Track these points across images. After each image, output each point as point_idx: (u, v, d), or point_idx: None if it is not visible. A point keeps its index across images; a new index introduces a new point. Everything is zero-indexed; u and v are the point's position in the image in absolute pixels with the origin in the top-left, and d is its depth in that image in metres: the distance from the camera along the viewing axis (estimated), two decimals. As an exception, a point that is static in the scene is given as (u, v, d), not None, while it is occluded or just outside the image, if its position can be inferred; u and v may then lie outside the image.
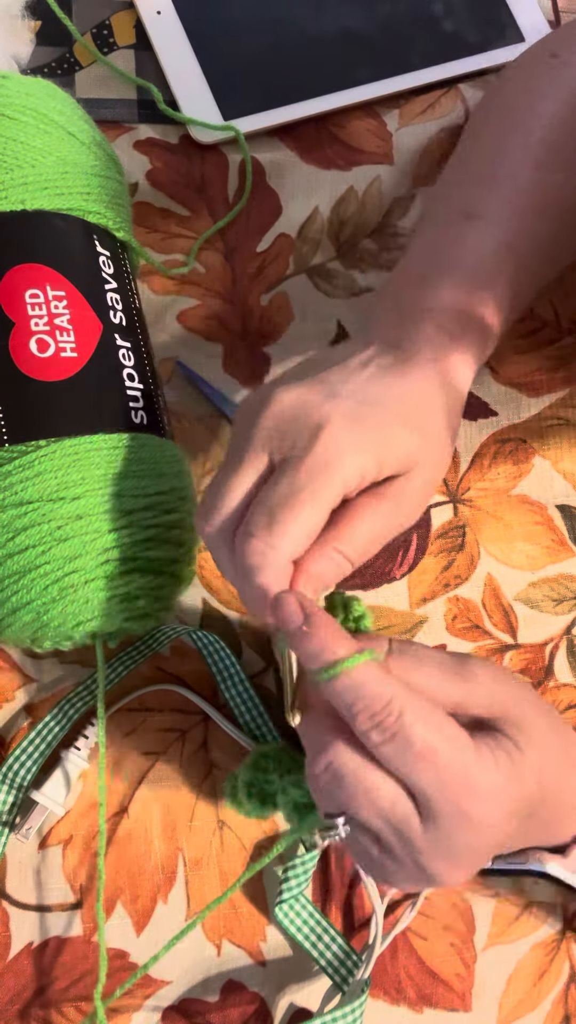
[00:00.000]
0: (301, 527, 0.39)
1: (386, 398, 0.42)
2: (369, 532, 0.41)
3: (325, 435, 0.40)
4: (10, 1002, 0.48)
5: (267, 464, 0.41)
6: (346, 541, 0.40)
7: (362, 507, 0.41)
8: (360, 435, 0.40)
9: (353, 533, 0.41)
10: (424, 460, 0.42)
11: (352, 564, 0.41)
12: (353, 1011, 0.46)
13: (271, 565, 0.39)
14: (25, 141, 0.48)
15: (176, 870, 0.50)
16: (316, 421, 0.40)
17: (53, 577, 0.43)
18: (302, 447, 0.40)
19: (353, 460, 0.40)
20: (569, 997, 0.51)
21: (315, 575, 0.40)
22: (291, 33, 0.64)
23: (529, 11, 0.67)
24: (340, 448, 0.40)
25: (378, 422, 0.41)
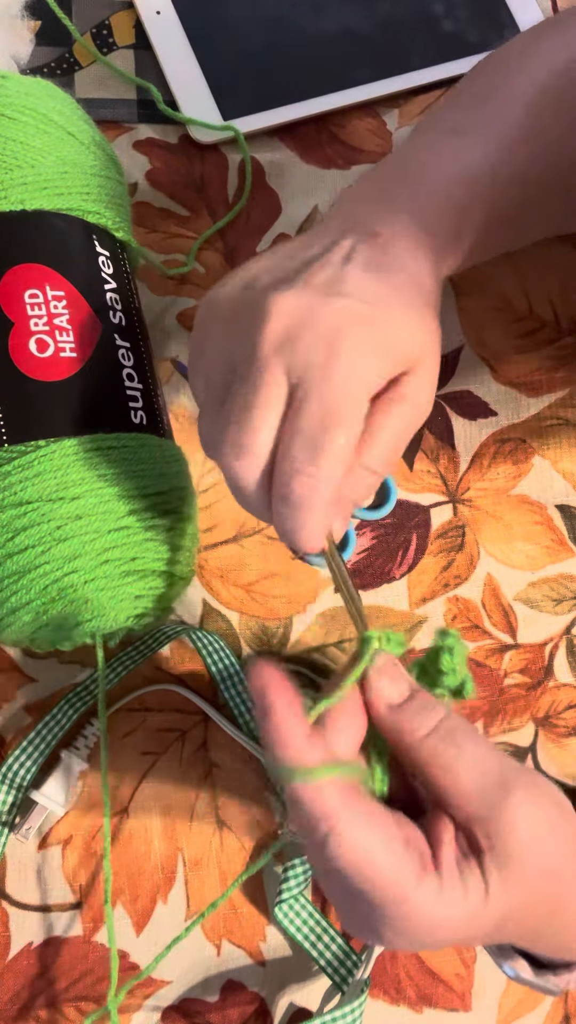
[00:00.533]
0: (342, 450, 0.37)
1: (382, 292, 0.39)
2: (391, 439, 0.39)
3: (343, 346, 0.37)
4: (10, 1002, 0.48)
5: (285, 383, 0.38)
6: (372, 455, 0.38)
7: (382, 415, 0.39)
8: (374, 338, 0.38)
9: (378, 444, 0.38)
10: (429, 350, 0.40)
11: (381, 476, 0.39)
12: (353, 1011, 0.46)
13: (321, 497, 0.37)
14: (25, 141, 0.48)
15: (176, 870, 0.51)
16: (329, 330, 0.37)
17: (53, 577, 0.43)
18: (321, 363, 0.37)
19: (374, 365, 0.38)
20: (569, 997, 0.51)
21: (347, 498, 0.38)
22: (291, 33, 0.64)
23: (529, 11, 0.67)
24: (360, 356, 0.37)
25: (386, 320, 0.38)
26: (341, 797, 0.34)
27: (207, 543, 0.54)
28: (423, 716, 0.36)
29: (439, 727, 0.36)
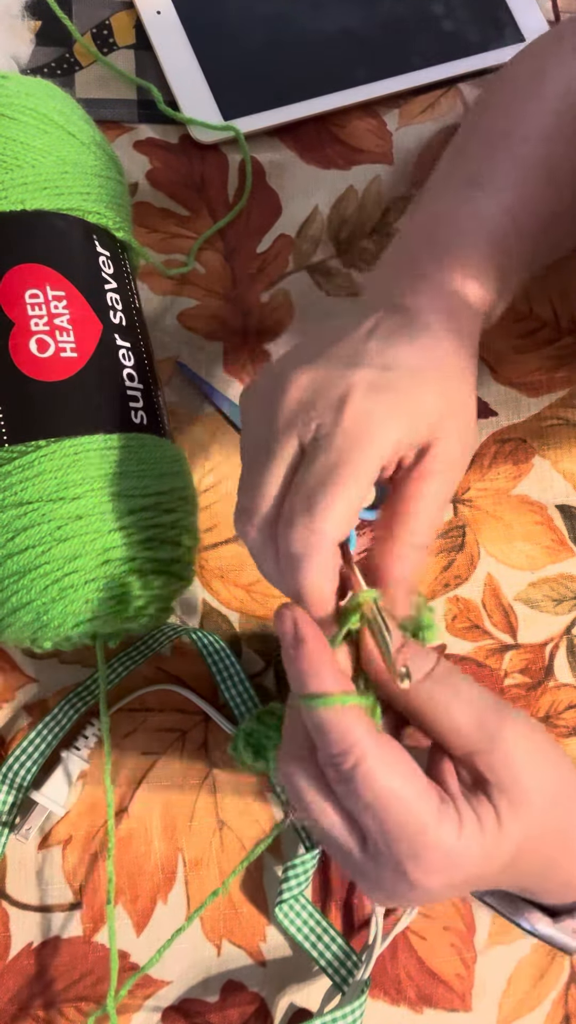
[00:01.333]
0: (344, 507, 0.37)
1: (401, 360, 0.40)
2: (432, 512, 0.40)
3: (351, 406, 0.38)
4: (10, 1002, 0.48)
5: (296, 449, 0.39)
6: (416, 532, 0.39)
7: (416, 491, 0.40)
8: (386, 403, 0.39)
9: (419, 521, 0.39)
10: (453, 417, 0.41)
11: (428, 547, 0.40)
12: (353, 1011, 0.46)
13: (316, 552, 0.37)
14: (25, 141, 0.48)
15: (176, 870, 0.50)
16: (339, 394, 0.38)
17: (53, 577, 0.43)
18: (330, 424, 0.38)
19: (385, 429, 0.38)
20: (569, 997, 0.51)
21: (403, 578, 0.39)
22: (291, 33, 0.64)
23: (529, 11, 0.67)
24: (369, 418, 0.38)
25: (402, 386, 0.39)
26: (367, 728, 0.36)
27: (207, 543, 0.54)
28: (416, 662, 0.37)
29: (433, 671, 0.37)
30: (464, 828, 0.36)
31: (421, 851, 0.35)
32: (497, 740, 0.37)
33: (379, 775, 0.35)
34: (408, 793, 0.35)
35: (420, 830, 0.35)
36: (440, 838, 0.35)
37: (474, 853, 0.36)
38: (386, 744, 0.36)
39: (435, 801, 0.36)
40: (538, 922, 0.42)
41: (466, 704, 0.37)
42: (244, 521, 0.39)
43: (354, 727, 0.35)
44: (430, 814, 0.35)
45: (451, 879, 0.36)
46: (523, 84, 0.52)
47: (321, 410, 0.38)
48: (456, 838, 0.36)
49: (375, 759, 0.35)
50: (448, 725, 0.37)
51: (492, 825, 0.36)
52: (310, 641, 0.37)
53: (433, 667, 0.37)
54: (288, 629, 0.37)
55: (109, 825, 0.47)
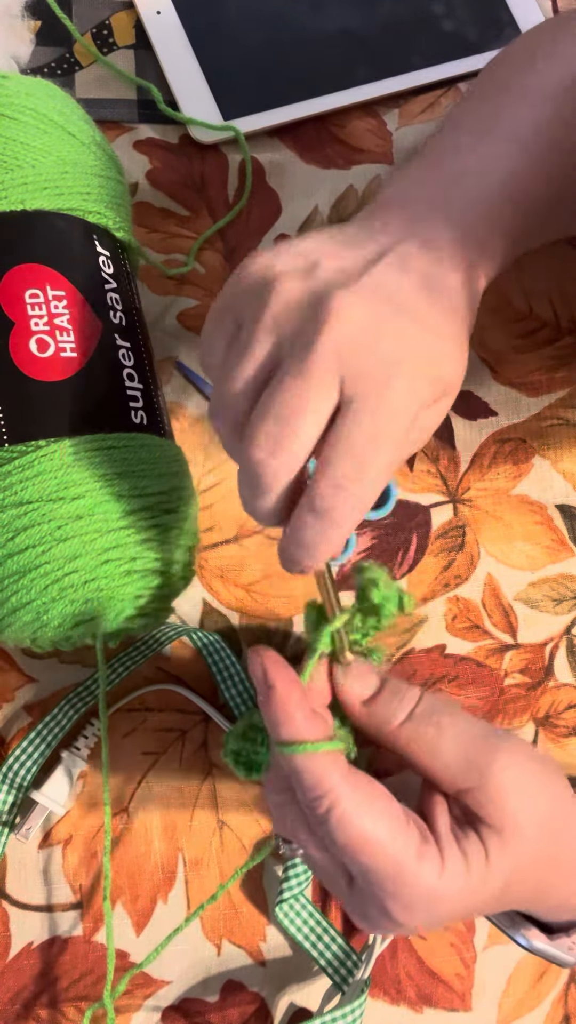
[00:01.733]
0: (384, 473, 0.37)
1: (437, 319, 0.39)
2: None
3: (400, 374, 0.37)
4: (10, 1002, 0.48)
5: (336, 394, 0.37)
6: None
7: None
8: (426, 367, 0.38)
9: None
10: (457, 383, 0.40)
11: None
12: (353, 1011, 0.46)
13: (356, 519, 0.37)
14: (25, 141, 0.48)
15: (176, 870, 0.51)
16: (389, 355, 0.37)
17: (53, 577, 0.43)
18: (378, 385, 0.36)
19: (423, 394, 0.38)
20: (569, 997, 0.51)
21: None
22: (291, 33, 0.64)
23: (529, 11, 0.67)
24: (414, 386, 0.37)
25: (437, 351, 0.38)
26: (341, 774, 0.35)
27: (207, 543, 0.54)
28: (396, 705, 0.37)
29: (414, 711, 0.37)
30: (447, 867, 0.35)
31: (400, 890, 0.35)
32: (487, 775, 0.36)
33: (353, 818, 0.35)
34: (383, 835, 0.35)
35: (397, 870, 0.35)
36: (420, 878, 0.35)
37: (457, 890, 0.36)
38: (362, 785, 0.36)
39: (415, 840, 0.35)
40: (534, 938, 0.42)
41: (452, 741, 0.37)
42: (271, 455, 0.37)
43: (328, 772, 0.35)
44: (408, 854, 0.35)
45: (433, 916, 0.36)
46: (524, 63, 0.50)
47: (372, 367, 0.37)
48: (437, 877, 0.35)
49: (349, 802, 0.35)
50: (436, 764, 0.37)
51: (479, 863, 0.36)
52: (280, 687, 0.36)
53: (415, 706, 0.37)
54: (258, 674, 0.37)
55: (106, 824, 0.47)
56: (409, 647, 0.54)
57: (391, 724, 0.37)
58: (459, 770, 0.36)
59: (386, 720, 0.37)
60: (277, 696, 0.36)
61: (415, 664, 0.54)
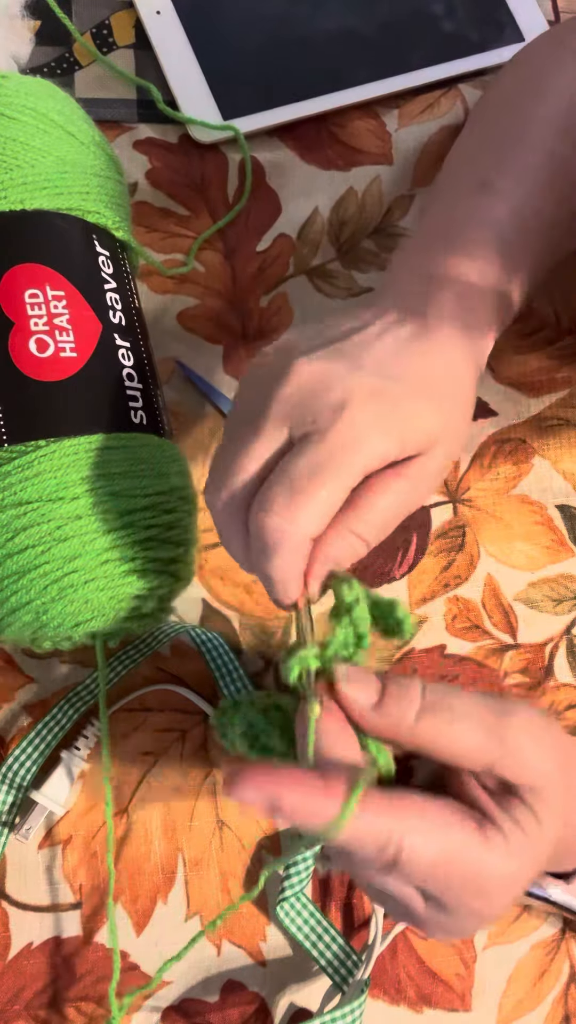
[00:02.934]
0: (321, 506, 0.37)
1: (409, 373, 0.40)
2: (386, 512, 0.40)
3: (348, 413, 0.38)
4: (10, 1002, 0.48)
5: (285, 438, 0.39)
6: (363, 522, 0.39)
7: (379, 486, 0.39)
8: (383, 415, 0.39)
9: (369, 513, 0.39)
10: (444, 438, 0.41)
11: (368, 546, 0.40)
12: (353, 1011, 0.46)
13: (289, 545, 0.37)
14: (25, 141, 0.48)
15: (176, 870, 0.50)
16: (339, 397, 0.38)
17: (53, 577, 0.43)
18: (324, 423, 0.38)
19: (376, 441, 0.38)
20: (569, 997, 0.51)
21: (331, 557, 0.39)
22: (291, 33, 0.64)
23: (529, 11, 0.67)
24: (364, 428, 0.38)
25: (402, 401, 0.39)
26: (388, 813, 0.34)
27: (207, 543, 0.54)
28: (406, 703, 0.36)
29: (423, 706, 0.36)
30: (511, 843, 0.35)
31: (485, 884, 0.35)
32: (508, 742, 0.36)
33: (421, 851, 0.34)
34: (454, 842, 0.34)
35: (476, 867, 0.34)
36: (495, 864, 0.35)
37: (526, 860, 0.35)
38: (409, 809, 0.34)
39: (476, 831, 0.35)
40: (551, 886, 0.41)
41: (467, 721, 0.36)
42: (215, 494, 0.40)
43: (375, 824, 0.34)
44: (479, 846, 0.34)
45: (513, 894, 0.36)
46: (526, 87, 0.53)
47: (319, 407, 0.38)
48: (508, 855, 0.35)
49: (411, 835, 0.34)
50: (458, 748, 0.36)
51: (534, 827, 0.35)
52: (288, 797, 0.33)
53: (421, 699, 0.36)
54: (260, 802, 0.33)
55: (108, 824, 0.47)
56: (409, 647, 0.54)
57: (405, 723, 0.36)
58: (481, 744, 0.36)
59: (400, 720, 0.36)
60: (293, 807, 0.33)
61: (415, 664, 0.54)
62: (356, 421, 0.38)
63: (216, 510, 0.40)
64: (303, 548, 0.38)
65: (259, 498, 0.38)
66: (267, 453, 0.39)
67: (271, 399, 0.39)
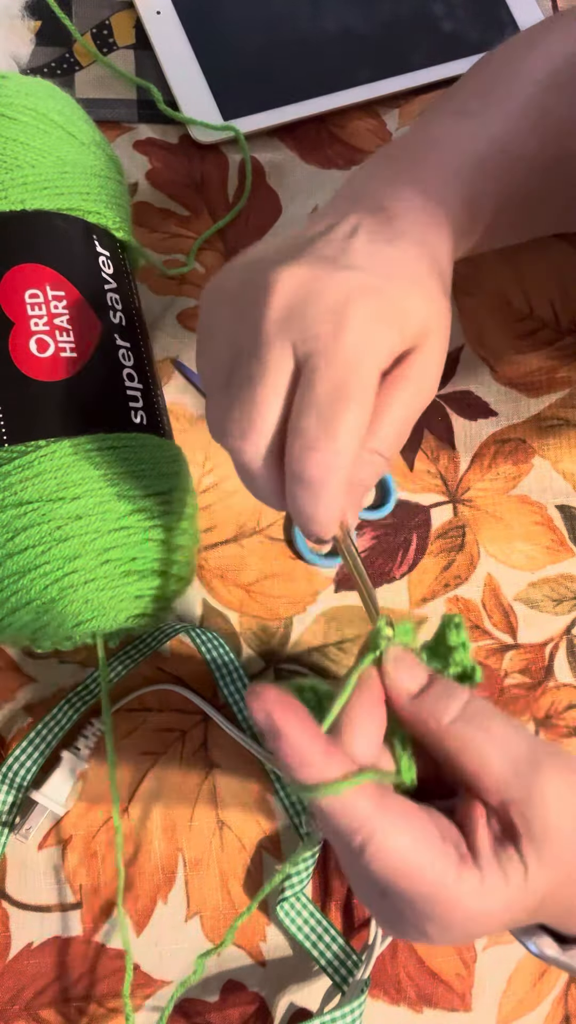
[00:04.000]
0: (356, 425, 0.35)
1: (388, 264, 0.38)
2: (398, 421, 0.38)
3: (350, 316, 0.36)
4: (10, 1002, 0.48)
5: (291, 359, 0.36)
6: (378, 438, 0.37)
7: (388, 395, 0.37)
8: (381, 310, 0.36)
9: (383, 427, 0.37)
10: (436, 327, 0.39)
11: (388, 461, 0.38)
12: (353, 1011, 0.46)
13: (337, 476, 0.35)
14: (25, 141, 0.48)
15: (176, 870, 0.51)
16: (335, 301, 0.36)
17: (53, 577, 0.43)
18: (328, 335, 0.35)
19: (383, 338, 0.36)
20: (569, 997, 0.51)
21: (358, 479, 0.37)
22: (291, 33, 0.64)
23: (529, 11, 0.67)
24: (369, 328, 0.36)
25: (392, 292, 0.37)
26: (373, 804, 0.33)
27: (207, 543, 0.54)
28: (446, 702, 0.35)
29: (463, 712, 0.35)
30: (485, 886, 0.34)
31: (440, 913, 0.34)
32: (533, 789, 0.34)
33: (390, 851, 0.33)
34: (422, 861, 0.33)
35: (437, 894, 0.33)
36: (459, 899, 0.34)
37: (495, 909, 0.34)
38: (393, 809, 0.34)
39: (453, 861, 0.34)
40: (547, 947, 0.40)
41: (500, 748, 0.35)
42: (242, 438, 0.37)
43: (356, 805, 0.33)
44: (448, 876, 0.34)
45: (469, 933, 0.35)
46: (519, 43, 0.51)
47: (317, 317, 0.36)
48: (476, 897, 0.34)
49: (383, 834, 0.33)
50: (482, 771, 0.34)
51: (518, 881, 0.34)
52: (289, 732, 0.33)
53: (464, 706, 0.35)
54: (262, 720, 0.33)
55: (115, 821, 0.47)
56: (409, 647, 0.54)
57: (439, 722, 0.35)
58: (505, 780, 0.34)
59: (434, 716, 0.35)
60: (287, 741, 0.33)
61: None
62: (360, 323, 0.36)
63: (245, 454, 0.37)
64: (347, 475, 0.36)
65: (295, 435, 0.35)
66: (283, 381, 0.36)
67: (262, 319, 0.36)
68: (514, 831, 0.34)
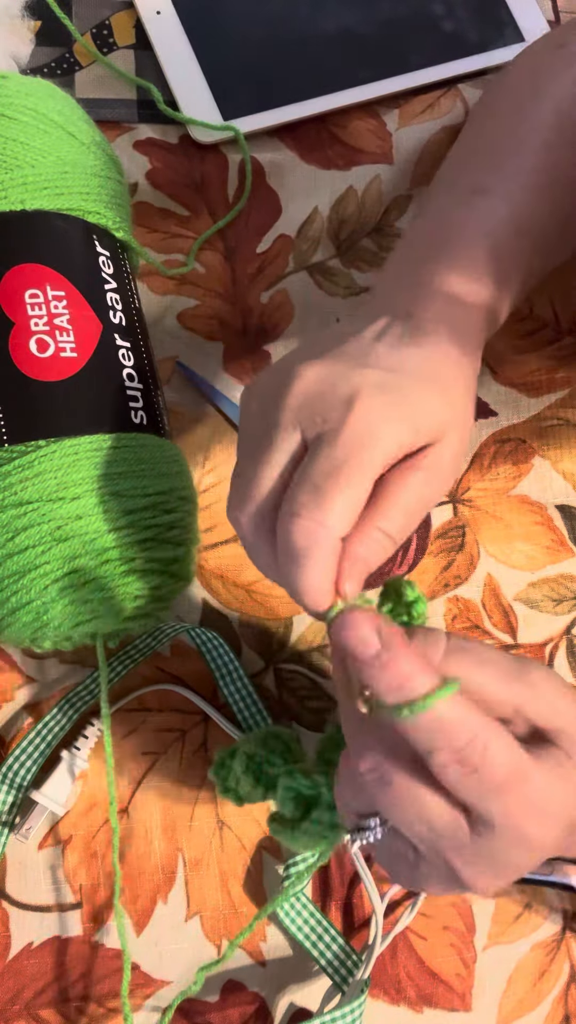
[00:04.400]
0: (348, 503, 0.37)
1: (410, 365, 0.41)
2: (408, 506, 0.39)
3: (359, 406, 0.38)
4: (10, 1002, 0.48)
5: (299, 443, 0.39)
6: (388, 518, 0.38)
7: (399, 481, 0.39)
8: (393, 404, 0.39)
9: (392, 510, 0.39)
10: (454, 426, 0.41)
11: (396, 542, 0.39)
12: (353, 1011, 0.46)
13: (322, 546, 0.36)
14: (25, 141, 0.48)
15: (176, 870, 0.51)
16: (347, 393, 0.38)
17: (53, 577, 0.43)
18: (336, 420, 0.38)
19: (391, 430, 0.38)
20: (569, 997, 0.51)
21: (361, 558, 0.38)
22: (291, 33, 0.64)
23: (529, 11, 0.67)
24: (377, 418, 0.38)
25: (409, 390, 0.39)
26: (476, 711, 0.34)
27: (207, 543, 0.54)
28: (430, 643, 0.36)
29: (449, 648, 0.36)
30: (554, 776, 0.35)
31: (545, 812, 0.34)
32: (535, 686, 0.36)
33: (504, 757, 0.34)
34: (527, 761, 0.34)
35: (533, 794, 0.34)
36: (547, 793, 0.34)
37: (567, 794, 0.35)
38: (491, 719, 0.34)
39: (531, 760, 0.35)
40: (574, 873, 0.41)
41: (492, 665, 0.36)
42: (239, 509, 0.39)
43: (471, 716, 0.33)
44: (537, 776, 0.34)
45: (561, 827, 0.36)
46: (524, 90, 0.53)
47: (329, 406, 0.38)
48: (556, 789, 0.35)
49: (498, 742, 0.34)
50: (487, 688, 0.35)
51: (569, 765, 0.35)
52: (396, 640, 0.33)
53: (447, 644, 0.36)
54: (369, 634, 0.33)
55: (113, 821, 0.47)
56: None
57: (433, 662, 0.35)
58: (510, 686, 0.36)
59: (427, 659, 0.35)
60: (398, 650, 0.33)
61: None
62: (368, 412, 0.38)
63: (241, 525, 0.40)
64: (334, 549, 0.37)
65: (285, 504, 0.38)
66: (284, 460, 0.39)
67: (280, 407, 0.39)
68: (539, 731, 0.36)
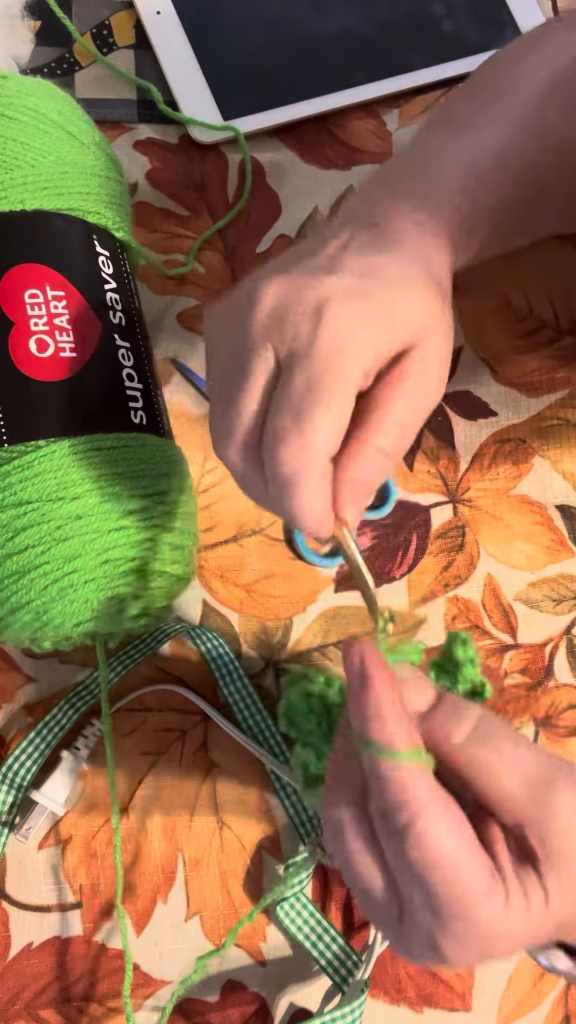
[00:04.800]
0: (331, 420, 0.35)
1: (379, 270, 0.38)
2: (402, 419, 0.37)
3: (329, 315, 0.36)
4: (10, 1002, 0.48)
5: (273, 363, 0.37)
6: (382, 434, 0.37)
7: (386, 393, 0.37)
8: (365, 309, 0.36)
9: (385, 422, 0.37)
10: (433, 325, 0.38)
11: (393, 459, 0.37)
12: (353, 1011, 0.46)
13: (310, 469, 0.35)
14: (25, 141, 0.48)
15: (176, 870, 0.51)
16: (316, 303, 0.36)
17: (53, 577, 0.43)
18: (307, 334, 0.36)
19: (365, 336, 0.36)
20: (569, 997, 0.51)
21: (360, 480, 0.36)
22: (291, 33, 0.64)
23: (529, 11, 0.67)
24: (349, 325, 0.36)
25: (379, 292, 0.37)
26: (429, 786, 0.33)
27: (207, 543, 0.54)
28: (456, 721, 0.34)
29: (475, 731, 0.34)
30: (509, 907, 0.33)
31: (461, 925, 0.33)
32: (549, 809, 0.33)
33: (434, 835, 0.32)
34: (462, 860, 0.32)
35: (464, 901, 0.32)
36: (483, 914, 0.32)
37: (517, 932, 0.33)
38: (444, 803, 0.33)
39: (486, 874, 0.33)
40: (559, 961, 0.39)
41: (514, 769, 0.34)
42: (224, 445, 0.37)
43: (415, 782, 0.32)
44: (480, 886, 0.32)
45: (483, 955, 0.34)
46: (519, 52, 0.51)
47: (298, 319, 0.36)
48: (500, 918, 0.33)
49: (432, 817, 0.32)
50: (496, 791, 0.34)
51: (539, 904, 0.33)
52: (378, 683, 0.33)
53: (476, 724, 0.34)
54: (355, 665, 0.33)
55: (114, 821, 0.47)
56: (409, 647, 0.54)
57: (451, 740, 0.34)
58: (520, 801, 0.33)
59: (444, 736, 0.34)
60: (374, 692, 0.33)
61: (415, 664, 0.54)
62: (339, 320, 0.36)
63: (229, 460, 0.38)
64: (325, 470, 0.36)
65: (267, 432, 0.36)
66: (261, 383, 0.37)
67: (247, 329, 0.37)
68: (531, 853, 0.33)
